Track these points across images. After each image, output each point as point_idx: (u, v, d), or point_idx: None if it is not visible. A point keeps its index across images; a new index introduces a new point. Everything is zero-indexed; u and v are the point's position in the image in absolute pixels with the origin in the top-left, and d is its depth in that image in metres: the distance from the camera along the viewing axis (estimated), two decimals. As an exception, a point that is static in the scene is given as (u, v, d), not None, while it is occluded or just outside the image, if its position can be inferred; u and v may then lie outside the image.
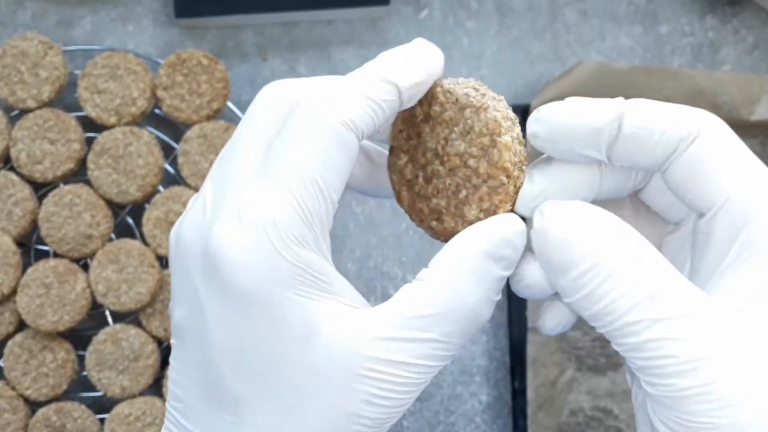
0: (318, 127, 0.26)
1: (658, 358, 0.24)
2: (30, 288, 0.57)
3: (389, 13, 0.63)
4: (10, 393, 0.58)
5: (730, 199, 0.26)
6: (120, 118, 0.58)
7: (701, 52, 0.65)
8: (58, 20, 0.63)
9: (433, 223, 0.29)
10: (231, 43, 0.63)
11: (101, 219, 0.58)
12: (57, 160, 0.58)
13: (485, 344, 0.63)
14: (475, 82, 0.29)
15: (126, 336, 0.58)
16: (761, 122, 0.60)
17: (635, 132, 0.26)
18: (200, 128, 0.58)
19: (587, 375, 0.61)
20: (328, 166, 0.26)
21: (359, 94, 0.26)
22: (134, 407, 0.58)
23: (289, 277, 0.25)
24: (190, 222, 0.27)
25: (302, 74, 0.63)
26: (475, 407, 0.63)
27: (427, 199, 0.29)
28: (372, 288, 0.63)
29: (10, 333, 0.59)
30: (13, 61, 0.58)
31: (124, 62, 0.58)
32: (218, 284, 0.25)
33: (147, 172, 0.58)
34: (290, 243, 0.25)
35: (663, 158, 0.27)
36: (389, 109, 0.27)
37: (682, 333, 0.24)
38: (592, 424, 0.61)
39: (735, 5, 0.65)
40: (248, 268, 0.25)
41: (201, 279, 0.26)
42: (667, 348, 0.24)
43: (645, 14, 0.65)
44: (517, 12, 0.64)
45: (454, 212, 0.28)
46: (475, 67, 0.64)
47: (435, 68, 0.28)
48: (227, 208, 0.26)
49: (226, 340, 0.26)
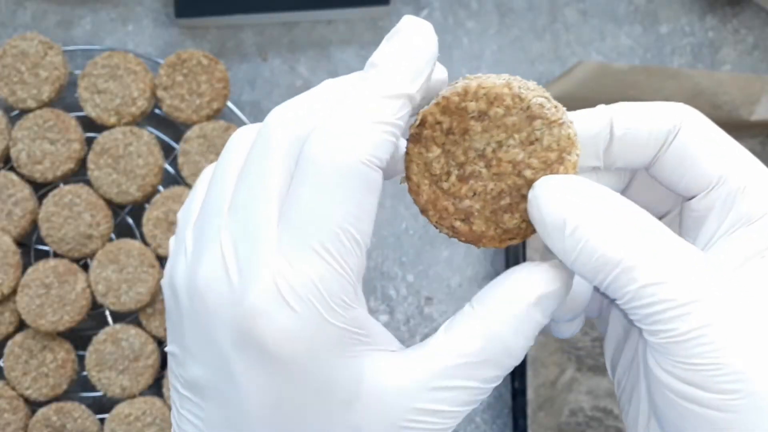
0: (341, 172, 0.24)
1: (657, 303, 0.25)
2: (30, 288, 0.57)
3: (389, 13, 0.63)
4: (10, 393, 0.58)
5: (723, 177, 0.28)
6: (120, 118, 0.58)
7: (701, 52, 0.65)
8: (58, 20, 0.63)
9: (457, 223, 0.28)
10: (231, 43, 0.63)
11: (101, 219, 0.58)
12: (57, 160, 0.58)
13: (485, 344, 0.63)
14: (543, 90, 0.28)
15: (126, 336, 0.58)
16: (761, 122, 0.60)
17: (626, 133, 0.28)
18: (200, 128, 0.58)
19: (587, 375, 0.61)
20: (359, 215, 0.24)
21: (374, 122, 0.24)
22: (134, 407, 0.58)
23: (337, 341, 0.24)
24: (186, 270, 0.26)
25: (302, 74, 0.63)
26: (475, 407, 0.63)
27: (456, 198, 0.28)
28: (372, 288, 0.63)
29: (10, 333, 0.59)
30: (13, 61, 0.58)
31: (124, 62, 0.58)
32: (257, 353, 0.24)
33: (147, 172, 0.58)
34: (337, 308, 0.24)
35: (654, 153, 0.28)
36: (405, 121, 0.26)
37: (678, 276, 0.25)
38: (592, 424, 0.61)
39: (735, 5, 0.65)
40: (294, 338, 0.24)
41: (232, 347, 0.24)
42: (664, 292, 0.25)
43: (645, 14, 0.65)
44: (517, 12, 0.64)
45: (489, 217, 0.27)
46: (475, 67, 0.64)
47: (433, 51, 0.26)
48: (258, 272, 0.24)
49: (266, 406, 0.25)
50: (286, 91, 0.63)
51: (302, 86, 0.63)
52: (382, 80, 0.25)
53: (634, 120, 0.28)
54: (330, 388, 0.25)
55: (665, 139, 0.28)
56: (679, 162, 0.28)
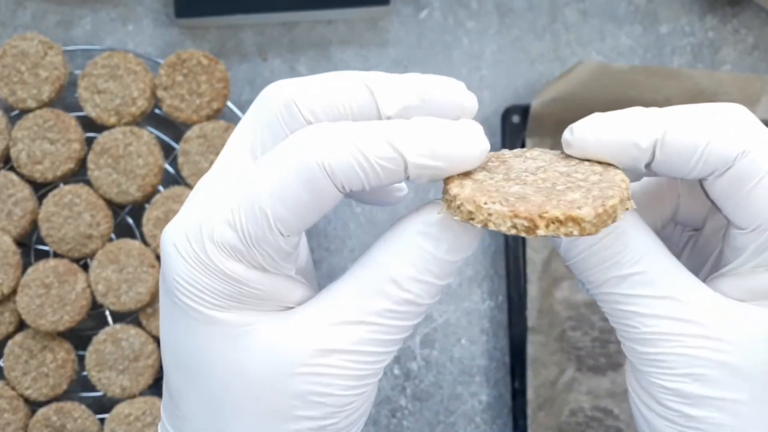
0: (289, 160, 0.25)
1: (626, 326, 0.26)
2: (30, 288, 0.57)
3: (389, 13, 0.63)
4: (10, 393, 0.58)
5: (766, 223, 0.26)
6: (120, 118, 0.58)
7: (701, 52, 0.65)
8: (58, 20, 0.63)
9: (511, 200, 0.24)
10: (231, 43, 0.63)
11: (101, 219, 0.58)
12: (57, 160, 0.58)
13: (485, 344, 0.63)
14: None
15: (126, 336, 0.58)
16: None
17: (671, 158, 0.26)
18: (200, 128, 0.58)
19: (587, 375, 0.61)
20: (282, 199, 0.25)
21: (351, 143, 0.24)
22: (134, 407, 0.58)
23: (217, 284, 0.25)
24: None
25: (302, 74, 0.63)
26: (475, 407, 0.63)
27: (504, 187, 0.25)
28: (372, 288, 0.63)
29: (10, 333, 0.59)
30: (13, 61, 0.58)
31: (124, 62, 0.58)
32: (162, 277, 0.27)
33: (147, 172, 0.58)
34: (218, 252, 0.25)
35: (702, 176, 0.26)
36: (387, 177, 0.25)
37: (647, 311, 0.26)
38: (592, 424, 0.61)
39: (735, 5, 0.65)
40: (181, 265, 0.26)
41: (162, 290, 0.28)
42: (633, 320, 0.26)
43: (645, 14, 0.65)
44: (517, 12, 0.64)
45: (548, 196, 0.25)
46: (475, 67, 0.64)
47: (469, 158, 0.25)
48: (182, 210, 0.27)
49: (166, 332, 0.27)
50: (286, 91, 0.63)
51: (302, 86, 0.63)
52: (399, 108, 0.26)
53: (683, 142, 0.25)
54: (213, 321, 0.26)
55: (717, 166, 0.26)
56: (731, 192, 0.26)
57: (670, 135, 0.25)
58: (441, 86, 0.26)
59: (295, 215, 0.25)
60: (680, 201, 0.30)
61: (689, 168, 0.26)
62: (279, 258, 0.26)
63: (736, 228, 0.27)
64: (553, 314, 0.60)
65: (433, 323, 0.63)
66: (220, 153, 0.28)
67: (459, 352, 0.63)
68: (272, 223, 0.25)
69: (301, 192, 0.24)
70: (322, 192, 0.25)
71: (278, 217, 0.25)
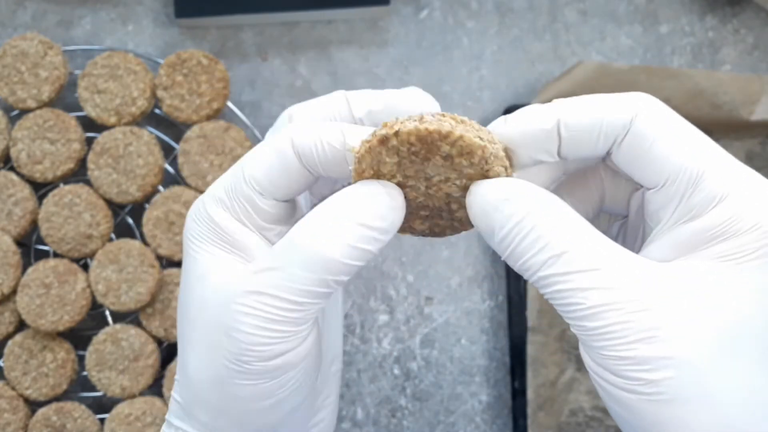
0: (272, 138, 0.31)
1: (569, 305, 0.27)
2: (30, 288, 0.57)
3: (389, 13, 0.63)
4: (10, 393, 0.58)
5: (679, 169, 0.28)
6: (120, 118, 0.58)
7: (701, 52, 0.65)
8: (58, 20, 0.63)
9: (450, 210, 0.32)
10: (231, 43, 0.63)
11: (101, 219, 0.58)
12: (57, 160, 0.58)
13: (485, 344, 0.63)
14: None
15: (126, 336, 0.58)
16: (761, 122, 0.60)
17: (574, 135, 0.29)
18: (200, 128, 0.58)
19: (587, 375, 0.61)
20: (255, 158, 0.31)
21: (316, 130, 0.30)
22: (134, 407, 0.58)
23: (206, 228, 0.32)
24: None
25: (302, 74, 0.63)
26: (475, 407, 0.63)
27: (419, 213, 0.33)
28: (372, 288, 0.63)
29: (10, 333, 0.59)
30: (13, 61, 0.58)
31: (124, 62, 0.58)
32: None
33: (147, 172, 0.58)
34: (212, 201, 0.32)
35: (606, 148, 0.29)
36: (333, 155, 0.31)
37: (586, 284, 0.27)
38: (592, 424, 0.61)
39: (735, 5, 0.65)
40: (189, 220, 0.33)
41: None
42: (574, 297, 0.27)
43: (645, 14, 0.65)
44: (517, 12, 0.64)
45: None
46: (475, 67, 0.64)
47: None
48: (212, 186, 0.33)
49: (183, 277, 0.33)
50: (286, 91, 0.63)
51: (302, 86, 0.63)
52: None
53: (582, 119, 0.29)
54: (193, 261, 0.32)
55: (616, 136, 0.29)
56: (634, 156, 0.29)
57: (569, 114, 0.29)
58: (401, 93, 0.33)
59: (265, 175, 0.31)
60: (605, 186, 0.33)
61: (594, 141, 0.29)
62: (256, 214, 0.31)
63: (648, 189, 0.29)
64: (553, 314, 0.60)
65: (433, 323, 0.63)
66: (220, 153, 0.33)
67: (459, 352, 0.63)
68: (245, 176, 0.31)
69: (272, 157, 0.31)
70: (287, 159, 0.31)
71: (251, 173, 0.31)
